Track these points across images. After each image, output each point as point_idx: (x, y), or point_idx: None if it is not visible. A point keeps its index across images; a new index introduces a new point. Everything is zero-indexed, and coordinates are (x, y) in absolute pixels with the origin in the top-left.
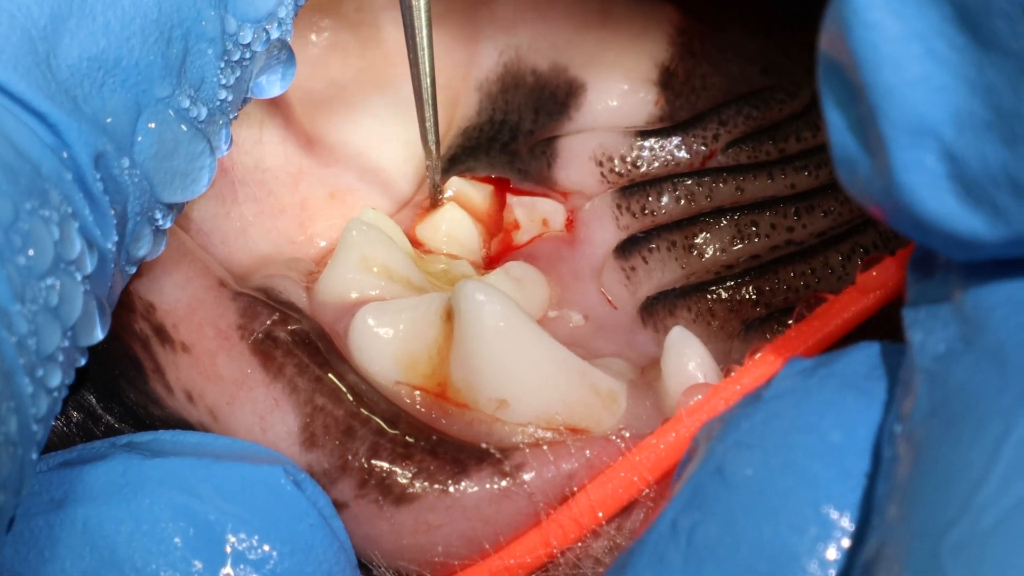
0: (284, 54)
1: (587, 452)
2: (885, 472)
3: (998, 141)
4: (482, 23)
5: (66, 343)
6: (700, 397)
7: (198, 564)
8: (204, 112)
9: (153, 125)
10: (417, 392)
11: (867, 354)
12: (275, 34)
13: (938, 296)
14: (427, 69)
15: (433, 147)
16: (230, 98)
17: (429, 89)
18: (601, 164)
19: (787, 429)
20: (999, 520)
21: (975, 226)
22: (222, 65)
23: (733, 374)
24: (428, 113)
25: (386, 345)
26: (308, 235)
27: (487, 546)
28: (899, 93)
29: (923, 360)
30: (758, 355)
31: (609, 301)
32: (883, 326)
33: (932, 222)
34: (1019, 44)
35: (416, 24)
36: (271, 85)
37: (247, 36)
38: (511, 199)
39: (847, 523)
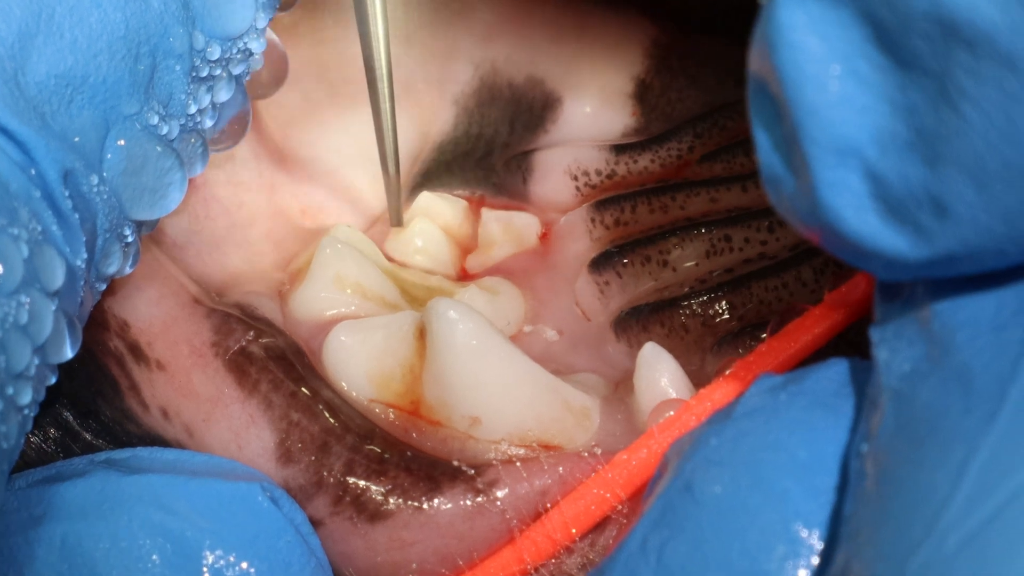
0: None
1: (560, 469)
2: (852, 491)
3: (919, 161)
4: (458, 36)
5: (36, 361)
6: (672, 413)
7: None
8: (175, 129)
9: (122, 142)
10: (391, 410)
11: (836, 371)
12: (240, 46)
13: (905, 315)
14: (385, 88)
15: (392, 170)
16: (200, 115)
17: (388, 110)
18: (576, 178)
19: (756, 446)
20: (963, 543)
21: (899, 245)
22: (190, 81)
23: (704, 390)
24: (388, 135)
25: (360, 363)
26: (281, 249)
27: (461, 563)
28: (822, 113)
29: (889, 379)
30: (729, 371)
31: (584, 314)
32: (856, 340)
33: (856, 242)
34: (939, 65)
35: (376, 51)
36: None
37: (215, 53)
38: (486, 213)
39: (816, 541)
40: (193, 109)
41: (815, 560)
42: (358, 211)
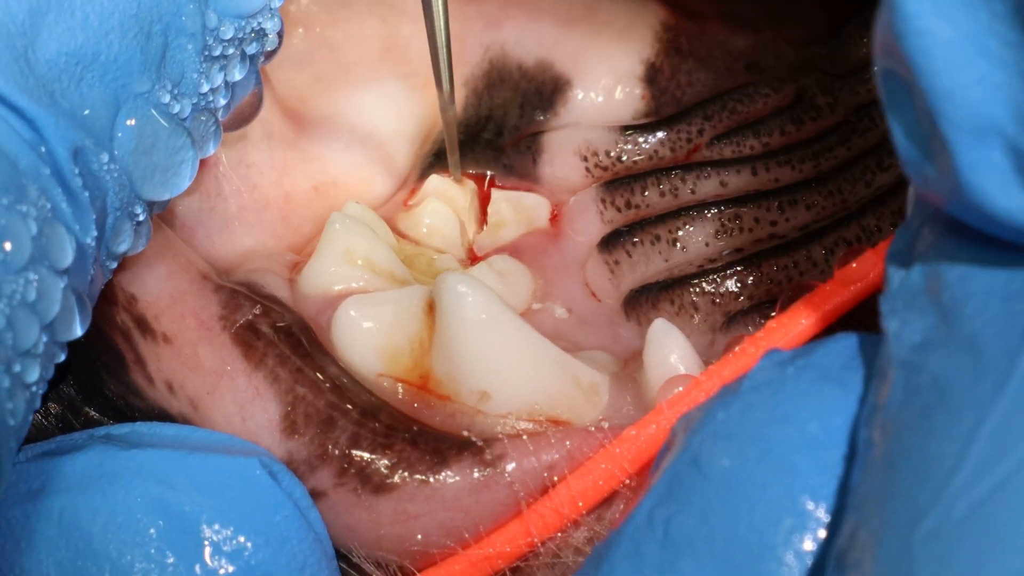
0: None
1: (567, 443)
2: (860, 461)
3: None
4: (468, 19)
5: (45, 338)
6: (681, 389)
7: (173, 555)
8: (187, 108)
9: (132, 121)
10: (399, 384)
11: (845, 345)
12: (254, 25)
13: (915, 286)
14: (443, 30)
15: (450, 111)
16: (212, 94)
17: (445, 52)
18: (586, 159)
19: (764, 420)
20: (970, 510)
21: None
22: (203, 60)
23: (713, 366)
24: (444, 76)
25: (368, 337)
26: (292, 229)
27: (467, 536)
28: (957, 95)
29: (899, 349)
30: (738, 347)
31: (593, 294)
32: (866, 319)
33: (1003, 218)
34: None
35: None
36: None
37: (228, 32)
38: (496, 194)
39: (822, 514)
40: (205, 88)
41: (822, 532)
42: (370, 189)
